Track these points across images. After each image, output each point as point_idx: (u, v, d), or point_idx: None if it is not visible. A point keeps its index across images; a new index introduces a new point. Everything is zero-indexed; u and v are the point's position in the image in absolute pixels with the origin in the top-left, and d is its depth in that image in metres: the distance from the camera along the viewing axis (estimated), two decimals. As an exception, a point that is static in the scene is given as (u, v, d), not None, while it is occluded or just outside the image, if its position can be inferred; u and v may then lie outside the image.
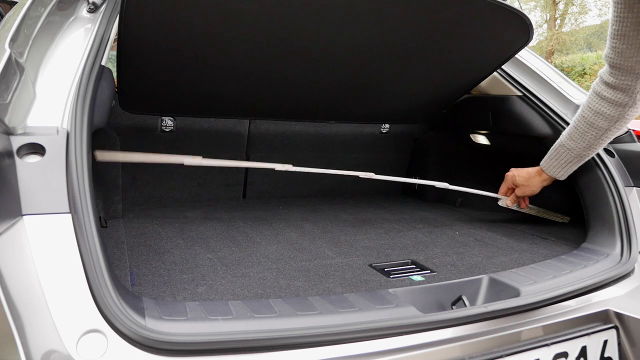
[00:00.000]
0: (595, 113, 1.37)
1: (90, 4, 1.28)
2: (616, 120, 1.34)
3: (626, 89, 1.28)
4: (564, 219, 1.89)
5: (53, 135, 0.93)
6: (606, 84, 1.32)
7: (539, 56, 1.94)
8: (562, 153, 1.50)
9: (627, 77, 1.26)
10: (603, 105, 1.34)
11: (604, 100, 1.33)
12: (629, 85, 1.27)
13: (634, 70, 1.24)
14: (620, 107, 1.32)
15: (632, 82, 1.26)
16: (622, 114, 1.32)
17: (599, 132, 1.38)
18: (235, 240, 1.60)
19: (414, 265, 1.42)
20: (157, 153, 2.04)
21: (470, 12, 1.46)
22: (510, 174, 1.72)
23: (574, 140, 1.45)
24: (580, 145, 1.44)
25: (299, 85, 1.78)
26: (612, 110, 1.33)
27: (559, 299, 1.11)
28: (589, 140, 1.42)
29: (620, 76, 1.27)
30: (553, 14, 23.81)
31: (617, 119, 1.34)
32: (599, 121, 1.37)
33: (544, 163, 1.59)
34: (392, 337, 0.91)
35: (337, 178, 2.48)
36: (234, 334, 0.83)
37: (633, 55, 1.22)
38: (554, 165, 1.55)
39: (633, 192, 1.54)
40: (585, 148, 1.44)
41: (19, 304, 0.75)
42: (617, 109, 1.32)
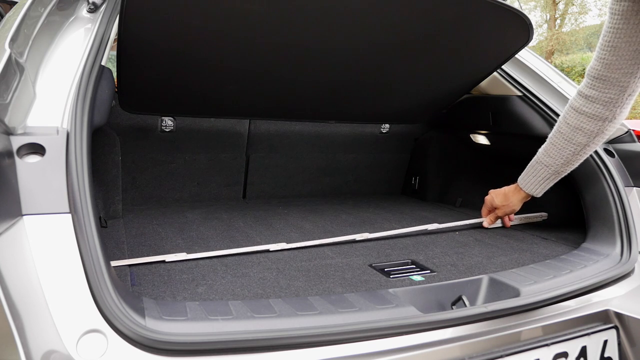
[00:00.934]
0: (573, 129, 1.35)
1: (90, 4, 1.28)
2: (595, 135, 1.33)
3: (608, 102, 1.27)
4: (542, 216, 1.90)
5: (53, 135, 0.93)
6: (586, 98, 1.31)
7: (539, 56, 1.94)
8: (539, 170, 1.49)
9: (611, 90, 1.26)
10: (582, 120, 1.33)
11: (583, 115, 1.32)
12: (612, 99, 1.26)
13: (619, 82, 1.24)
14: (600, 122, 1.30)
15: (615, 94, 1.25)
16: (602, 128, 1.31)
17: (578, 147, 1.37)
18: (235, 240, 1.60)
19: (414, 265, 1.42)
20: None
21: (471, 12, 1.46)
22: (488, 197, 1.73)
23: (551, 156, 1.44)
24: (557, 161, 1.43)
25: (299, 85, 1.78)
26: (592, 125, 1.31)
27: (559, 299, 1.11)
28: (566, 157, 1.40)
29: (603, 89, 1.26)
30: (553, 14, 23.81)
31: (596, 134, 1.33)
32: (577, 137, 1.35)
33: (520, 180, 1.57)
34: (392, 337, 0.91)
35: (337, 178, 2.49)
36: (234, 334, 0.83)
37: (621, 67, 1.21)
38: (530, 182, 1.53)
39: (633, 192, 1.54)
40: (562, 164, 1.42)
41: (19, 304, 0.74)
42: (597, 124, 1.31)
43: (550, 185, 1.52)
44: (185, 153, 2.10)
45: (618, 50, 1.20)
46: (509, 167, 2.16)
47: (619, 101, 1.26)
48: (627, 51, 1.19)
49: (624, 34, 1.18)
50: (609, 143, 1.72)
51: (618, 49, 1.20)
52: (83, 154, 0.93)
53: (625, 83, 1.23)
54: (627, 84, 1.23)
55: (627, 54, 1.20)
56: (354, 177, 2.53)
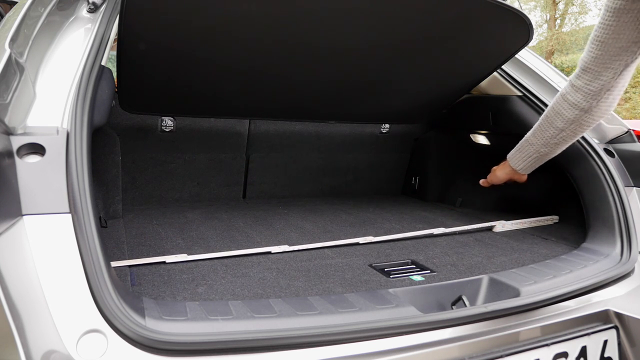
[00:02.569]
0: (556, 113, 1.45)
1: (90, 4, 1.28)
2: (571, 122, 1.42)
3: (588, 93, 1.34)
4: (553, 219, 1.90)
5: (53, 135, 0.93)
6: (572, 87, 1.39)
7: (539, 56, 1.94)
8: (524, 147, 1.60)
9: (593, 83, 1.32)
10: (563, 106, 1.42)
11: (566, 102, 1.41)
12: (592, 91, 1.33)
13: (601, 76, 1.30)
14: (577, 110, 1.39)
15: (596, 88, 1.33)
16: (578, 117, 1.40)
17: (556, 131, 1.47)
18: (235, 240, 1.60)
19: (414, 265, 1.42)
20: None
21: (471, 12, 1.46)
22: None
23: (536, 136, 1.54)
24: (539, 141, 1.53)
25: (299, 85, 1.78)
26: (570, 112, 1.40)
27: (558, 299, 1.11)
28: (546, 138, 1.51)
29: (587, 80, 1.34)
30: (553, 14, 23.80)
31: (572, 121, 1.42)
32: (557, 121, 1.45)
33: (509, 154, 1.69)
34: (392, 337, 0.91)
35: (337, 178, 2.49)
36: (234, 334, 0.83)
37: (605, 62, 1.28)
38: (516, 157, 1.65)
39: (633, 192, 1.54)
40: (542, 145, 1.53)
41: (19, 304, 0.74)
42: (574, 112, 1.39)
43: (534, 165, 1.63)
44: (185, 153, 2.09)
45: (605, 45, 1.26)
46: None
47: (598, 95, 1.34)
48: (613, 47, 1.25)
49: (612, 30, 1.23)
50: (608, 143, 1.72)
51: (605, 44, 1.25)
52: (83, 154, 0.93)
53: (606, 78, 1.30)
54: (608, 80, 1.30)
55: (612, 49, 1.25)
56: (354, 177, 2.53)
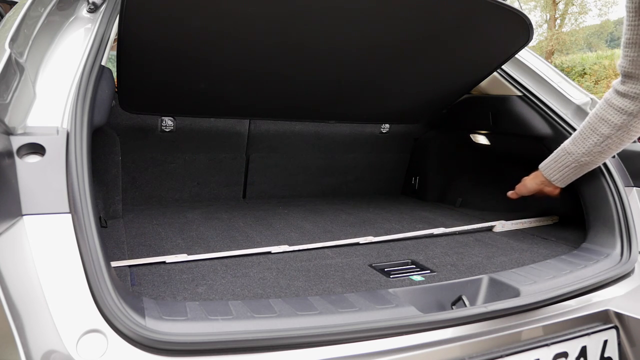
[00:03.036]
0: (600, 119, 1.38)
1: (90, 4, 1.28)
2: (619, 128, 1.34)
3: (635, 97, 1.29)
4: (553, 219, 1.90)
5: (53, 135, 0.93)
6: (617, 93, 1.33)
7: (539, 56, 1.94)
8: (561, 156, 1.52)
9: (637, 86, 1.27)
10: (609, 112, 1.35)
11: (611, 107, 1.35)
12: (638, 95, 1.28)
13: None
14: (625, 115, 1.32)
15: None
16: (626, 122, 1.33)
17: (600, 138, 1.39)
18: (235, 240, 1.60)
19: (414, 265, 1.42)
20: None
21: (470, 12, 1.46)
22: None
23: (576, 144, 1.46)
24: (579, 150, 1.45)
25: (299, 85, 1.78)
26: (617, 117, 1.34)
27: (559, 299, 1.11)
28: (589, 146, 1.42)
29: (631, 85, 1.28)
30: (553, 14, 23.81)
31: (619, 127, 1.34)
32: (602, 127, 1.37)
33: (542, 164, 1.60)
34: (392, 337, 0.91)
35: (337, 178, 2.49)
36: (234, 334, 0.83)
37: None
38: (551, 167, 1.55)
39: (633, 192, 1.54)
40: (584, 154, 1.44)
41: (19, 304, 0.75)
42: (622, 117, 1.33)
43: (571, 177, 1.53)
44: (185, 153, 2.09)
45: (638, 46, 1.21)
46: (509, 167, 2.16)
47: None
48: None
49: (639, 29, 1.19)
50: None
51: (638, 44, 1.21)
52: (83, 154, 0.93)
53: None
54: None
55: None
56: (354, 177, 2.53)
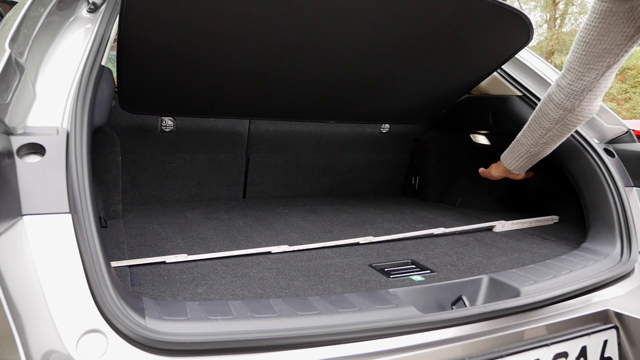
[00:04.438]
0: (542, 113, 1.47)
1: (90, 4, 1.28)
2: (557, 122, 1.43)
3: (571, 93, 1.36)
4: (553, 219, 1.90)
5: (53, 135, 0.93)
6: (557, 86, 1.40)
7: (539, 56, 1.94)
8: (516, 147, 1.61)
9: (576, 82, 1.34)
10: (549, 107, 1.44)
11: (551, 102, 1.43)
12: (574, 91, 1.35)
13: (584, 77, 1.32)
14: (561, 110, 1.40)
15: (579, 88, 1.34)
16: (562, 117, 1.41)
17: (543, 131, 1.48)
18: (236, 241, 1.60)
19: (414, 265, 1.42)
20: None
21: (471, 12, 1.46)
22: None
23: (525, 136, 1.56)
24: (529, 141, 1.54)
25: (299, 85, 1.78)
26: (554, 112, 1.42)
27: (558, 299, 1.11)
28: (535, 138, 1.52)
29: (571, 80, 1.35)
30: (553, 14, 23.80)
31: (557, 121, 1.43)
32: (544, 121, 1.47)
33: (503, 154, 1.70)
34: (392, 337, 0.91)
35: (337, 178, 2.49)
36: (234, 334, 0.83)
37: (588, 63, 1.30)
38: (509, 158, 1.66)
39: (633, 192, 1.54)
40: (532, 145, 1.54)
41: (19, 304, 0.74)
42: (558, 112, 1.41)
43: (526, 165, 1.63)
44: (185, 153, 2.09)
45: (589, 46, 1.27)
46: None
47: (580, 95, 1.35)
48: (597, 49, 1.26)
49: (597, 32, 1.24)
50: (608, 143, 1.72)
51: (590, 45, 1.27)
52: (83, 154, 0.93)
53: (589, 79, 1.32)
54: (590, 80, 1.32)
55: (596, 51, 1.27)
56: (354, 177, 2.53)
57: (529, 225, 1.87)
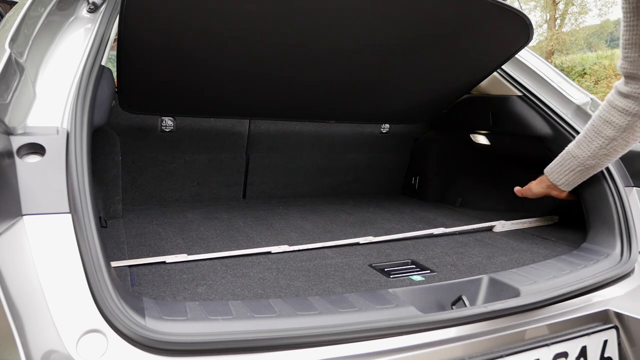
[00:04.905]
0: (604, 121, 1.36)
1: (90, 4, 1.28)
2: (624, 129, 1.33)
3: (638, 98, 1.27)
4: (553, 219, 1.90)
5: (53, 135, 0.93)
6: (620, 94, 1.32)
7: (539, 56, 1.94)
8: (566, 160, 1.49)
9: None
10: (613, 114, 1.33)
11: (615, 109, 1.33)
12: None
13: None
14: (630, 116, 1.30)
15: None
16: (631, 124, 1.31)
17: (605, 141, 1.37)
18: (236, 241, 1.60)
19: (414, 265, 1.42)
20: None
21: (470, 12, 1.46)
22: None
23: (580, 148, 1.44)
24: (585, 153, 1.43)
25: (299, 85, 1.78)
26: (621, 119, 1.32)
27: (559, 299, 1.11)
28: (594, 149, 1.40)
29: (634, 85, 1.27)
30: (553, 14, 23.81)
31: (624, 129, 1.33)
32: (606, 129, 1.36)
33: (547, 168, 1.58)
34: (392, 337, 0.91)
35: (337, 178, 2.49)
36: (234, 334, 0.83)
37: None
38: (556, 172, 1.54)
39: (633, 192, 1.54)
40: (589, 157, 1.42)
41: (19, 304, 0.74)
42: (627, 118, 1.31)
43: (577, 181, 1.51)
44: (185, 153, 2.10)
45: (639, 47, 1.20)
46: (509, 167, 2.16)
47: None
48: None
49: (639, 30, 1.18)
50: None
51: (638, 45, 1.20)
52: (83, 154, 0.93)
53: None
54: None
55: None
56: (354, 177, 2.53)
57: (529, 225, 1.87)
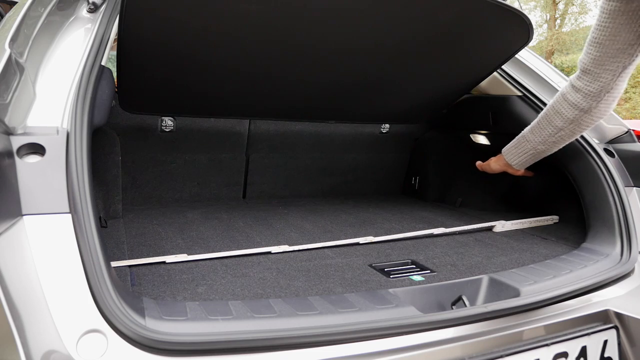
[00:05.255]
0: (555, 112, 1.46)
1: (90, 4, 1.28)
2: (571, 121, 1.43)
3: (588, 94, 1.35)
4: (553, 219, 1.90)
5: (53, 135, 0.93)
6: (572, 87, 1.39)
7: (539, 56, 1.94)
8: (521, 143, 1.61)
9: (593, 84, 1.33)
10: (563, 106, 1.43)
11: (566, 101, 1.42)
12: (592, 92, 1.34)
13: (601, 78, 1.31)
14: (577, 110, 1.40)
15: (596, 89, 1.33)
16: (577, 117, 1.41)
17: (554, 129, 1.47)
18: (236, 241, 1.60)
19: (414, 265, 1.42)
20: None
21: (470, 12, 1.46)
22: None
23: (533, 133, 1.55)
24: (537, 139, 1.54)
25: (299, 85, 1.78)
26: (569, 112, 1.41)
27: (559, 299, 1.11)
28: (544, 136, 1.51)
29: (587, 81, 1.34)
30: (553, 14, 23.80)
31: (571, 121, 1.43)
32: (556, 120, 1.46)
33: (505, 148, 1.68)
34: (392, 337, 0.91)
35: (337, 178, 2.49)
36: (234, 334, 0.83)
37: (603, 64, 1.29)
38: (512, 153, 1.65)
39: (633, 192, 1.54)
40: (540, 142, 1.53)
41: (19, 304, 0.74)
42: (574, 112, 1.40)
43: (529, 162, 1.63)
44: (185, 153, 2.10)
45: (603, 47, 1.26)
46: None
47: (598, 96, 1.35)
48: (611, 49, 1.25)
49: (609, 32, 1.24)
50: (608, 143, 1.72)
51: (603, 45, 1.26)
52: (83, 154, 0.93)
53: (605, 80, 1.31)
54: (607, 81, 1.31)
55: (610, 51, 1.26)
56: (354, 177, 2.53)
57: (529, 225, 1.87)
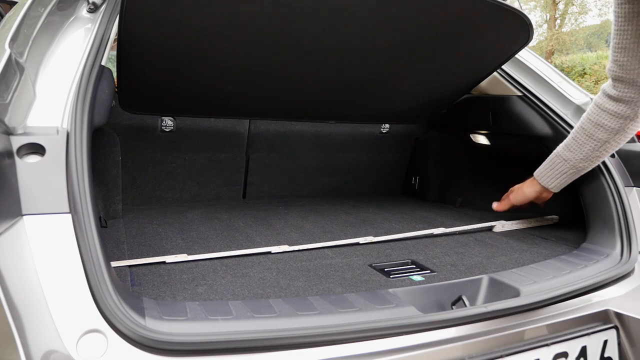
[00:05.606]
0: (595, 125, 1.36)
1: (90, 4, 1.28)
2: (616, 132, 1.34)
3: (629, 101, 1.28)
4: (553, 219, 1.90)
5: (53, 135, 0.93)
6: (609, 97, 1.32)
7: (539, 56, 1.94)
8: (557, 163, 1.50)
9: (630, 90, 1.27)
10: (604, 117, 1.34)
11: (605, 112, 1.33)
12: (632, 98, 1.28)
13: (636, 82, 1.25)
14: (622, 119, 1.32)
15: (635, 94, 1.27)
16: (623, 126, 1.33)
17: (598, 143, 1.38)
18: (236, 240, 1.60)
19: (414, 265, 1.42)
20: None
21: (470, 12, 1.46)
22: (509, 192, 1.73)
23: (571, 151, 1.44)
24: (577, 156, 1.44)
25: (299, 85, 1.78)
26: (613, 122, 1.33)
27: (559, 299, 1.11)
28: (586, 152, 1.41)
29: (623, 89, 1.28)
30: (553, 14, 23.81)
31: (617, 131, 1.34)
32: (598, 133, 1.36)
33: (537, 172, 1.58)
34: (392, 337, 0.91)
35: (337, 178, 2.49)
36: (234, 334, 0.83)
37: (635, 68, 1.22)
38: (547, 175, 1.53)
39: (633, 192, 1.54)
40: (582, 160, 1.43)
41: (19, 304, 0.75)
42: (619, 121, 1.32)
43: (567, 182, 1.52)
44: (185, 153, 2.10)
45: (628, 51, 1.21)
46: (509, 167, 2.16)
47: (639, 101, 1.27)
48: (637, 51, 1.20)
49: (630, 35, 1.19)
50: None
51: (628, 49, 1.21)
52: (83, 154, 0.93)
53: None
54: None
55: (637, 54, 1.20)
56: (353, 177, 2.53)
57: (529, 225, 1.87)
